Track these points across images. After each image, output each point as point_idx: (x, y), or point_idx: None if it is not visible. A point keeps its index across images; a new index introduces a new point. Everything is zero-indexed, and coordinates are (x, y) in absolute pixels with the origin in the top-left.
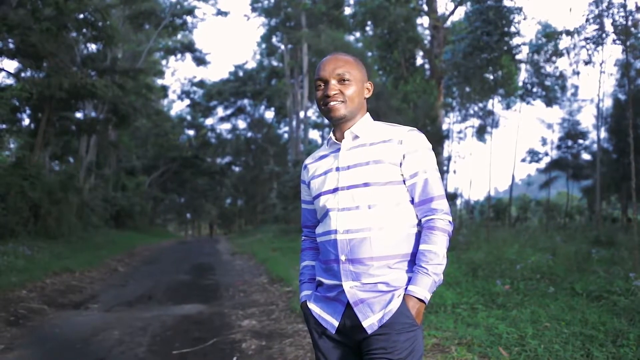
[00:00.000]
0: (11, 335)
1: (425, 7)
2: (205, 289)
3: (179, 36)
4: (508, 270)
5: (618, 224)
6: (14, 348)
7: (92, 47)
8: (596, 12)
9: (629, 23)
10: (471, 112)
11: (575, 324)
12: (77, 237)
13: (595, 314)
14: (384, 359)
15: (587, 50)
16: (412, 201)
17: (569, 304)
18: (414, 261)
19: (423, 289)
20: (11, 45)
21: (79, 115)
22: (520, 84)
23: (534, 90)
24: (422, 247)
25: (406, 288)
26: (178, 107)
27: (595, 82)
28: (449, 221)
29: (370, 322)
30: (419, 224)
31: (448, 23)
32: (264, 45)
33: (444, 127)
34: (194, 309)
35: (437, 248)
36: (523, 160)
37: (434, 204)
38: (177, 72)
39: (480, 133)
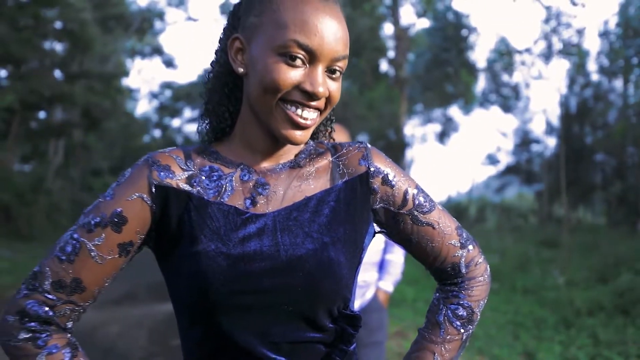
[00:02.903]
0: None
1: (390, 18)
2: None
3: (148, 39)
4: None
5: (568, 224)
6: None
7: (58, 47)
8: (547, 29)
9: (574, 41)
10: (433, 116)
11: (510, 313)
12: (48, 239)
13: (527, 306)
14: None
15: (535, 65)
16: None
17: (508, 298)
18: (381, 265)
19: (388, 284)
20: None
21: (44, 117)
22: (480, 89)
23: (492, 97)
24: (387, 256)
25: (377, 283)
26: (143, 107)
27: (545, 95)
28: None
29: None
30: (385, 241)
31: (412, 32)
32: None
33: (408, 130)
34: None
35: (396, 257)
36: (483, 163)
37: None
38: (144, 72)
39: (441, 137)
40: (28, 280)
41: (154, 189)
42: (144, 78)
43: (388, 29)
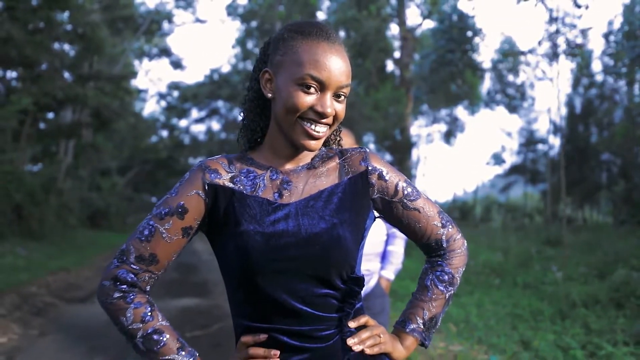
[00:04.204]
0: (39, 324)
1: (396, 19)
2: (195, 285)
3: (156, 40)
4: None
5: (573, 224)
6: (47, 333)
7: (67, 49)
8: (551, 29)
9: (578, 42)
10: (439, 116)
11: (509, 306)
12: (58, 238)
13: (525, 299)
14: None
15: (539, 66)
16: None
17: (508, 293)
18: (383, 255)
19: (389, 272)
20: None
21: (53, 118)
22: (485, 91)
23: (497, 97)
24: (388, 247)
25: (379, 272)
26: (150, 108)
27: (549, 95)
28: None
29: None
30: (387, 234)
31: (417, 32)
32: (238, 49)
33: (414, 131)
34: (191, 302)
35: (397, 248)
36: (488, 163)
37: None
38: (151, 73)
39: (447, 137)
40: (118, 255)
41: (206, 187)
42: (151, 79)
43: (394, 29)
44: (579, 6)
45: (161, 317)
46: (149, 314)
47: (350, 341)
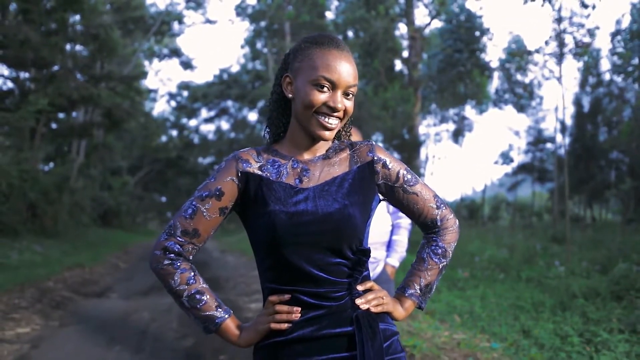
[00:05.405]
0: (59, 316)
1: (404, 19)
2: (207, 281)
3: (167, 41)
4: (469, 261)
5: (582, 222)
6: (67, 325)
7: (77, 47)
8: (558, 29)
9: (584, 41)
10: (447, 115)
11: (512, 299)
12: (72, 236)
13: (528, 292)
14: None
15: (547, 66)
16: (388, 211)
17: (512, 287)
18: (388, 244)
19: (394, 260)
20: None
21: (65, 118)
22: (493, 90)
23: (505, 96)
24: (393, 237)
25: (385, 260)
26: (160, 107)
27: (557, 94)
28: (409, 223)
29: None
30: (392, 224)
31: (426, 31)
32: (247, 49)
33: (422, 130)
34: None
35: (402, 238)
36: (496, 162)
37: (400, 213)
38: (161, 73)
39: (456, 136)
40: (167, 230)
41: (239, 174)
42: (161, 79)
43: (402, 29)
44: (585, 6)
45: (202, 281)
46: (193, 277)
47: (358, 301)
